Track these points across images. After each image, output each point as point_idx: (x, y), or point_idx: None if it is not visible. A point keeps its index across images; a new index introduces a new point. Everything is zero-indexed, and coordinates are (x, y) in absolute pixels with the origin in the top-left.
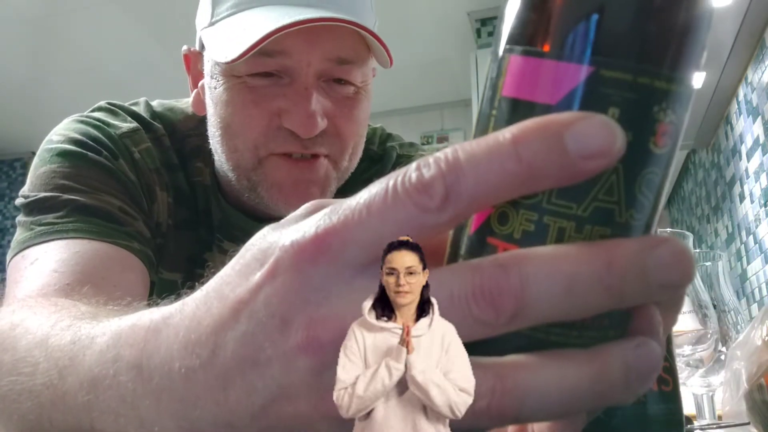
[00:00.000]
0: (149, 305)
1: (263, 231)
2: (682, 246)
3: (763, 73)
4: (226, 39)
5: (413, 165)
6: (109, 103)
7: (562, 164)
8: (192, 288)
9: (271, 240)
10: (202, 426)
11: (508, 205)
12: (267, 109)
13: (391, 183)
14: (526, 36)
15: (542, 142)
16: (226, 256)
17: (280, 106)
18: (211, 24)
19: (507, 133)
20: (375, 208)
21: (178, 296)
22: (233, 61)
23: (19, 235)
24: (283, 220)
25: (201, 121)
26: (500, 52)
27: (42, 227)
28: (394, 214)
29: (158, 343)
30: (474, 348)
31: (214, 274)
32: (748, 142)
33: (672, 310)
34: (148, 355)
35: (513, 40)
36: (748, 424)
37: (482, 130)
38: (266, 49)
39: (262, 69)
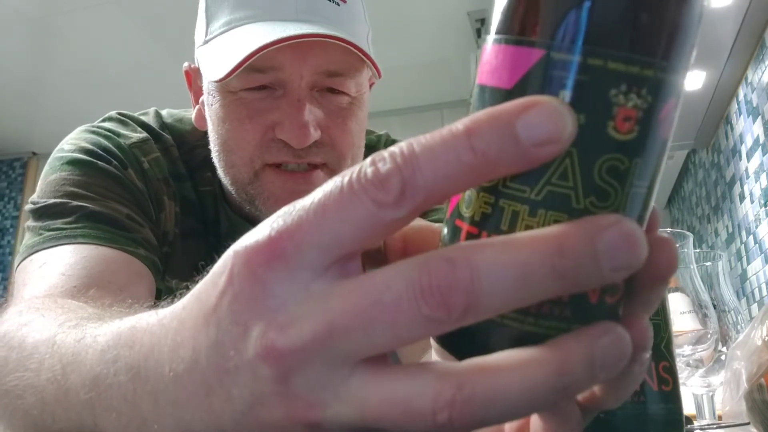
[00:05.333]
0: (151, 309)
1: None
2: (631, 227)
3: (763, 73)
4: (217, 57)
5: (368, 160)
6: (119, 114)
7: (515, 153)
8: (187, 289)
9: (236, 245)
10: (197, 430)
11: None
12: (261, 122)
13: (346, 180)
14: (496, 24)
15: (494, 132)
16: None
17: (273, 119)
18: (206, 42)
19: (460, 124)
20: (331, 206)
21: (174, 298)
22: (222, 79)
23: (28, 240)
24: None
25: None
26: None
27: (51, 232)
28: (351, 212)
29: (152, 345)
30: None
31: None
32: (748, 142)
33: (648, 306)
34: (144, 357)
35: (489, 30)
36: (748, 424)
37: None
38: (259, 65)
39: (255, 84)
